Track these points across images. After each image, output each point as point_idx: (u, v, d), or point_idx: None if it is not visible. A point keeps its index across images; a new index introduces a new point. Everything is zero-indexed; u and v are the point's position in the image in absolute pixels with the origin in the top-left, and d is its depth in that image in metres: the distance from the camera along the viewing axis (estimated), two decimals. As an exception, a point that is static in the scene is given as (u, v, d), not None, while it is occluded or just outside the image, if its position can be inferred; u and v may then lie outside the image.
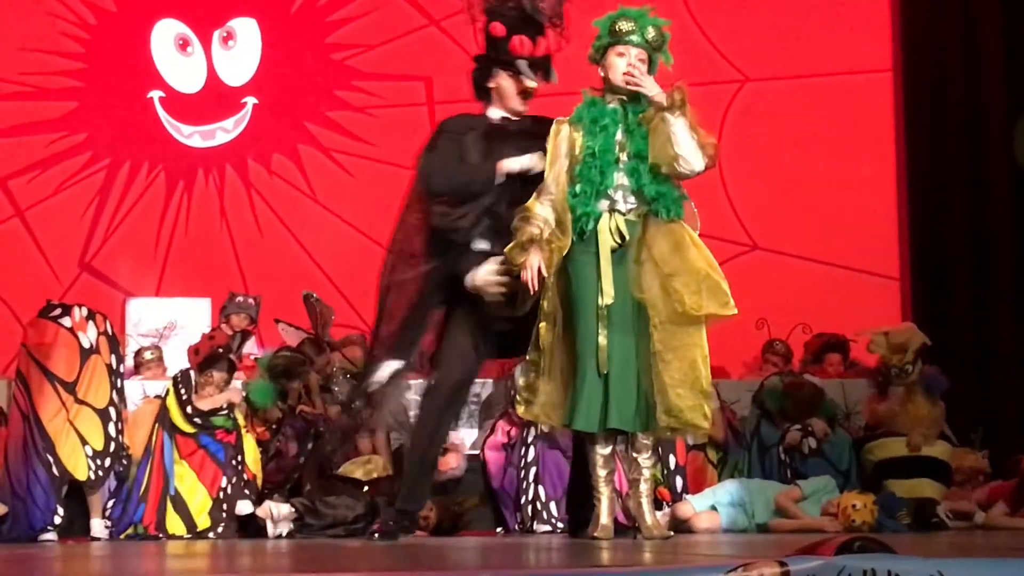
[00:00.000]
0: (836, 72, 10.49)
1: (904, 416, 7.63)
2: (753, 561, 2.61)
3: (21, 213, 10.27)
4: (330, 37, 10.58)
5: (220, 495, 7.14)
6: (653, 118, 5.29)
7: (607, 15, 5.51)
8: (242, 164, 10.49)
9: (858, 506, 6.78)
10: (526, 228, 5.25)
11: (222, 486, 7.15)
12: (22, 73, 10.30)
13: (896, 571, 2.58)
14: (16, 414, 7.19)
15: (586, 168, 5.31)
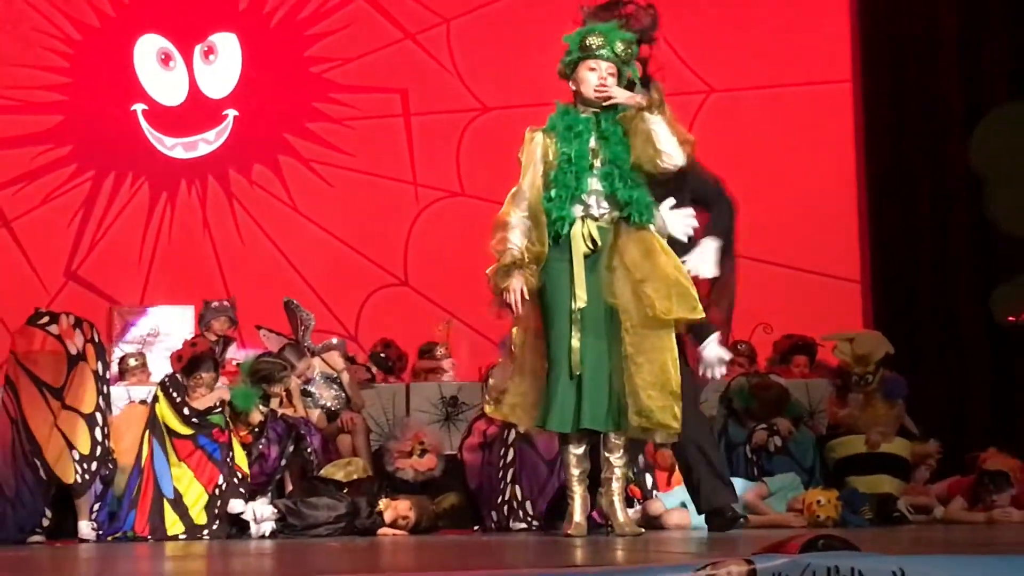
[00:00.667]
0: (798, 83, 10.53)
1: (863, 418, 7.66)
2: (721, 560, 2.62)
3: (8, 224, 10.25)
4: (309, 51, 10.57)
5: (216, 492, 7.12)
6: (633, 118, 5.31)
7: (577, 31, 5.53)
8: (224, 175, 10.48)
9: (822, 502, 6.80)
10: (507, 252, 5.25)
11: (218, 483, 7.13)
12: (8, 87, 10.28)
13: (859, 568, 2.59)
14: (4, 419, 7.16)
15: (561, 173, 5.33)
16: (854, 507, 6.88)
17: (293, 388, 7.81)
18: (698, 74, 10.49)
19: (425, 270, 10.41)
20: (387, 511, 7.05)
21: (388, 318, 10.05)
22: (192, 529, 7.04)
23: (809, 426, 7.89)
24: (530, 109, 8.34)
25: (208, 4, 10.56)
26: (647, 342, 5.25)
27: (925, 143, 9.97)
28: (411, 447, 7.88)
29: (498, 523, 7.29)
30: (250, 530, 7.07)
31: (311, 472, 7.49)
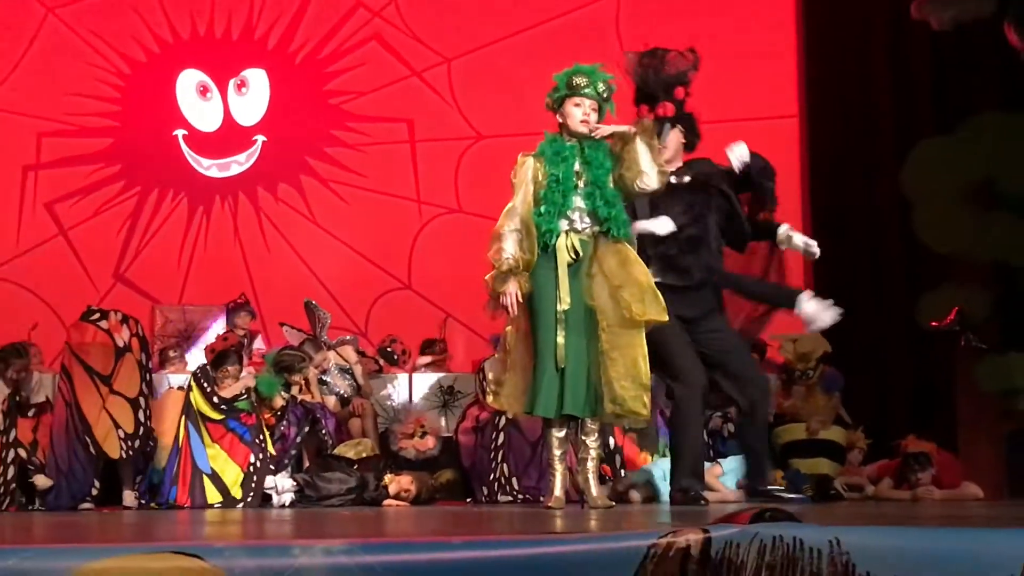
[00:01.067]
0: (748, 118, 10.51)
1: (804, 408, 7.66)
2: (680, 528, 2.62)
3: (64, 232, 10.22)
4: (329, 85, 10.56)
5: (251, 469, 7.12)
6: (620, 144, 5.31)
7: (565, 71, 5.52)
8: (253, 192, 10.46)
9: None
10: (504, 261, 5.25)
11: (251, 461, 7.13)
12: (66, 114, 10.26)
13: (800, 537, 2.59)
14: (60, 402, 7.16)
15: (550, 192, 5.32)
16: (796, 486, 6.88)
17: (311, 377, 7.81)
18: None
19: (426, 276, 10.40)
20: (392, 485, 7.04)
21: (394, 317, 10.04)
22: (229, 500, 7.04)
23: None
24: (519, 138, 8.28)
25: (241, 43, 10.55)
26: (621, 339, 5.25)
27: (862, 170, 9.98)
28: (413, 430, 7.88)
29: (488, 496, 7.29)
30: (272, 500, 7.07)
31: (326, 450, 7.49)
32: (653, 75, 5.94)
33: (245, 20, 10.53)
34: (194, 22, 10.48)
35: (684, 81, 5.95)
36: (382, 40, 10.61)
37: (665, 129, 5.93)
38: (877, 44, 10.02)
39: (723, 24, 10.54)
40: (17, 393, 7.31)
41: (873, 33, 10.06)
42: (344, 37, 10.57)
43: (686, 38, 10.42)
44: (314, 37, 10.56)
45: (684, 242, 5.95)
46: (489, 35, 10.47)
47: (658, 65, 5.92)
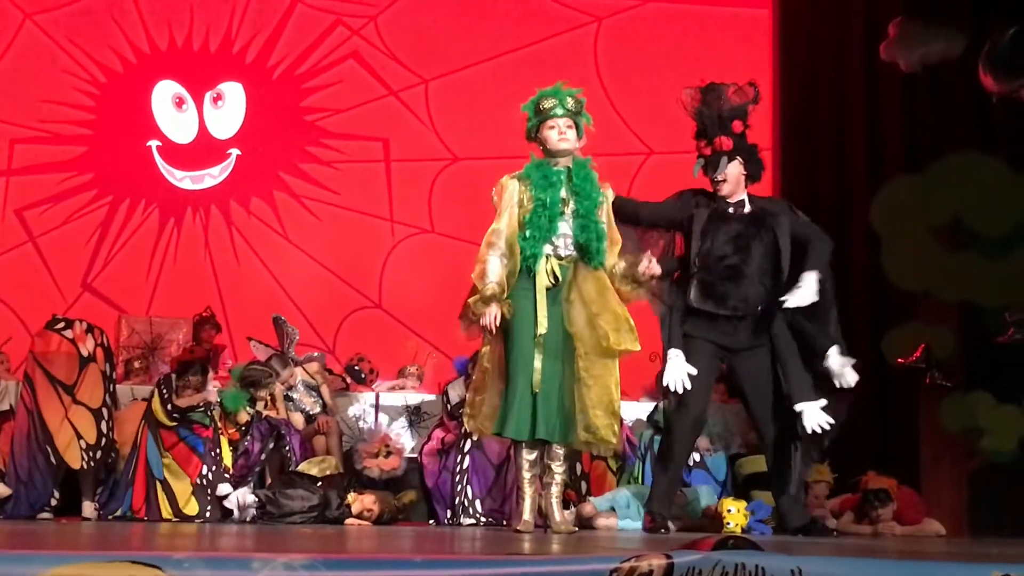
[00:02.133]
0: (726, 149, 10.57)
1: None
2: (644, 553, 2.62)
3: (34, 239, 10.15)
4: (304, 101, 10.55)
5: (201, 481, 7.06)
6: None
7: (530, 99, 5.54)
8: (225, 205, 10.42)
9: (733, 511, 6.79)
10: (488, 285, 5.25)
11: (202, 473, 7.07)
12: (40, 120, 10.20)
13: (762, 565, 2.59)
14: (22, 410, 7.10)
15: (536, 216, 5.32)
16: (759, 516, 6.89)
17: (277, 393, 7.76)
18: (639, 137, 10.54)
19: (396, 295, 10.38)
20: (354, 504, 7.01)
21: (362, 336, 10.01)
22: (180, 513, 6.98)
23: (723, 445, 7.90)
24: (495, 161, 8.37)
25: (219, 56, 10.53)
26: (596, 367, 5.26)
27: (833, 206, 10.03)
28: (377, 449, 7.84)
29: (451, 518, 7.26)
30: (233, 515, 7.02)
31: (289, 467, 7.44)
32: (708, 111, 6.01)
33: (224, 33, 10.51)
34: (172, 33, 10.46)
35: (741, 115, 6.02)
36: (360, 59, 10.62)
37: (722, 163, 5.99)
38: (851, 81, 10.10)
39: (699, 56, 10.62)
40: (-18, 400, 7.25)
41: (847, 70, 10.14)
42: (323, 54, 10.57)
43: (664, 70, 10.59)
44: (292, 53, 10.56)
45: (724, 270, 5.96)
46: (468, 58, 10.50)
47: (714, 101, 6.00)
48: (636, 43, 10.75)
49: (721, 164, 6.02)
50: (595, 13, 10.73)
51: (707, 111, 6.08)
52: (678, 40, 10.72)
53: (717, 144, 6.05)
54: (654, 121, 10.58)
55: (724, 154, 6.03)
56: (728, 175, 6.06)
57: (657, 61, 10.70)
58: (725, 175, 6.03)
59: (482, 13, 10.65)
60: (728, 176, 6.06)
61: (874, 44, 9.63)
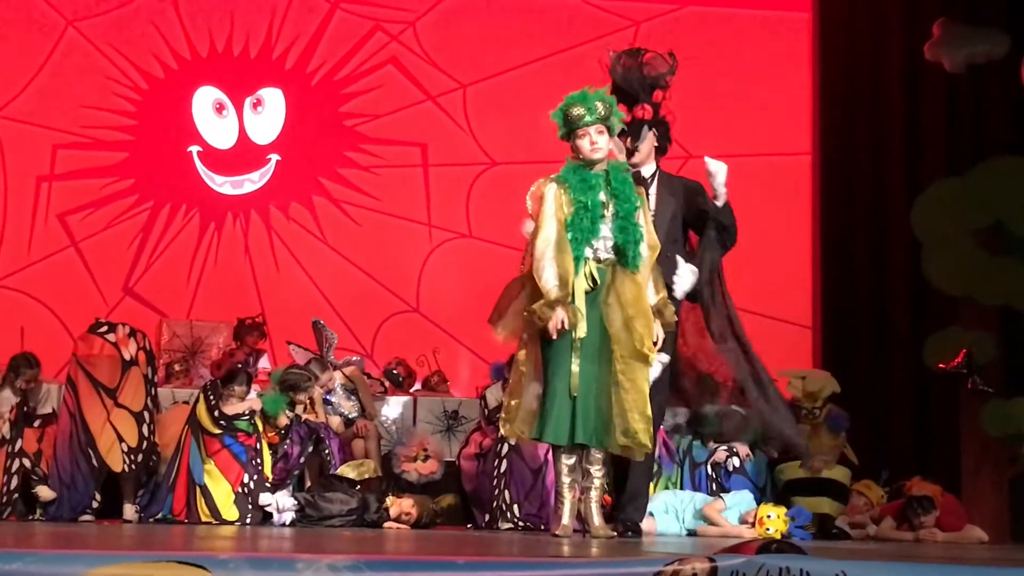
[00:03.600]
0: (764, 153, 10.54)
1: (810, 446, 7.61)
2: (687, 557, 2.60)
3: (76, 244, 10.23)
4: (344, 107, 10.58)
5: (243, 490, 7.09)
6: None
7: (558, 107, 5.52)
8: (265, 210, 10.47)
9: (772, 517, 6.77)
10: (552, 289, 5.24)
11: (244, 482, 7.10)
12: (82, 126, 10.27)
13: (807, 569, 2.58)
14: (65, 413, 7.15)
15: (578, 219, 5.31)
16: (800, 523, 6.85)
17: (316, 397, 7.79)
18: (677, 141, 10.46)
19: (434, 300, 10.39)
20: (393, 507, 7.02)
21: (400, 340, 10.02)
22: (219, 518, 7.01)
23: (763, 450, 7.85)
24: (533, 165, 8.34)
25: (258, 62, 10.57)
26: (632, 370, 5.24)
27: (872, 209, 9.99)
28: (416, 453, 7.86)
29: (488, 522, 7.25)
30: (273, 519, 7.05)
31: (328, 471, 7.46)
32: (634, 75, 5.88)
33: (263, 39, 10.56)
34: (213, 40, 10.52)
35: (662, 84, 5.91)
36: (399, 64, 10.64)
37: (643, 131, 5.90)
38: (891, 84, 10.05)
39: (738, 60, 10.60)
40: (25, 403, 7.30)
41: (887, 73, 10.09)
42: (361, 60, 10.60)
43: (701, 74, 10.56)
44: (331, 58, 10.59)
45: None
46: (505, 63, 10.50)
47: (639, 65, 5.89)
48: (674, 47, 10.62)
49: (643, 132, 5.91)
50: (633, 17, 10.71)
51: (635, 76, 5.93)
52: (717, 44, 10.68)
53: (639, 112, 5.92)
54: (692, 125, 10.49)
55: (645, 122, 5.92)
56: (643, 146, 5.93)
57: (695, 65, 10.58)
58: (640, 146, 5.90)
59: (520, 18, 10.65)
60: (642, 147, 5.94)
61: (914, 47, 9.58)
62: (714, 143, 10.58)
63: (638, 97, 5.89)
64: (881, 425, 9.43)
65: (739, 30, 10.73)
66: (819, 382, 7.66)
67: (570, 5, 10.71)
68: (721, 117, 10.56)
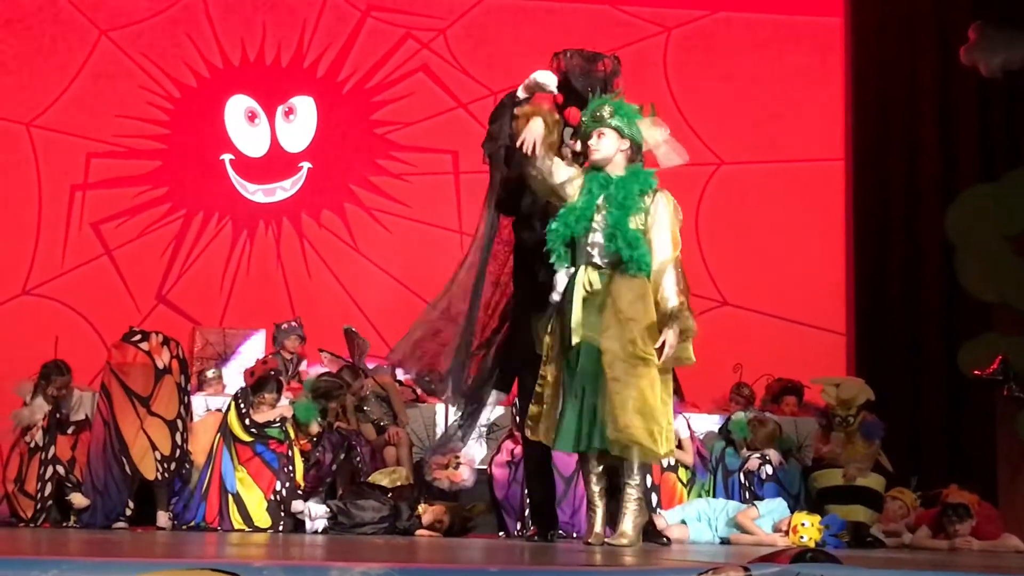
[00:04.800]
0: (798, 159, 10.52)
1: (843, 454, 7.57)
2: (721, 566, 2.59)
3: (109, 252, 10.30)
4: (375, 114, 10.62)
5: (276, 497, 7.11)
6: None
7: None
8: (297, 218, 10.51)
9: (806, 525, 6.72)
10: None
11: (276, 489, 7.13)
12: (116, 135, 10.35)
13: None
14: (99, 420, 7.19)
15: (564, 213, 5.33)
16: (834, 531, 6.81)
17: (348, 404, 7.80)
18: (710, 147, 10.47)
19: (465, 307, 10.37)
20: (425, 515, 7.02)
21: (432, 347, 10.02)
22: (251, 525, 7.03)
23: (797, 458, 7.81)
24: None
25: (290, 71, 10.63)
26: (623, 370, 5.15)
27: (905, 216, 9.94)
28: (448, 460, 7.85)
29: (520, 530, 7.24)
30: (305, 526, 7.06)
31: (360, 478, 7.47)
32: (582, 76, 5.81)
33: (295, 48, 10.61)
34: (244, 48, 10.58)
35: (611, 87, 5.81)
36: (429, 72, 10.67)
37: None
38: (924, 89, 10.00)
39: (770, 65, 10.58)
40: (57, 410, 7.35)
41: (921, 78, 10.04)
42: (392, 67, 10.63)
43: (734, 80, 10.54)
44: (363, 67, 10.63)
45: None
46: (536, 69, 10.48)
47: (587, 66, 5.81)
48: (706, 53, 10.71)
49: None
50: (664, 23, 10.70)
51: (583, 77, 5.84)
52: (749, 50, 10.67)
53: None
54: (724, 131, 10.53)
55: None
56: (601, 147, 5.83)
57: (727, 71, 10.66)
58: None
59: (550, 24, 10.66)
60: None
61: (947, 52, 9.52)
62: (746, 149, 10.61)
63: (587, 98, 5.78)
64: (916, 433, 9.37)
65: (771, 36, 10.71)
66: (853, 389, 7.61)
67: (602, 11, 10.72)
68: (753, 123, 10.54)
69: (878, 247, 10.03)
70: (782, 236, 10.42)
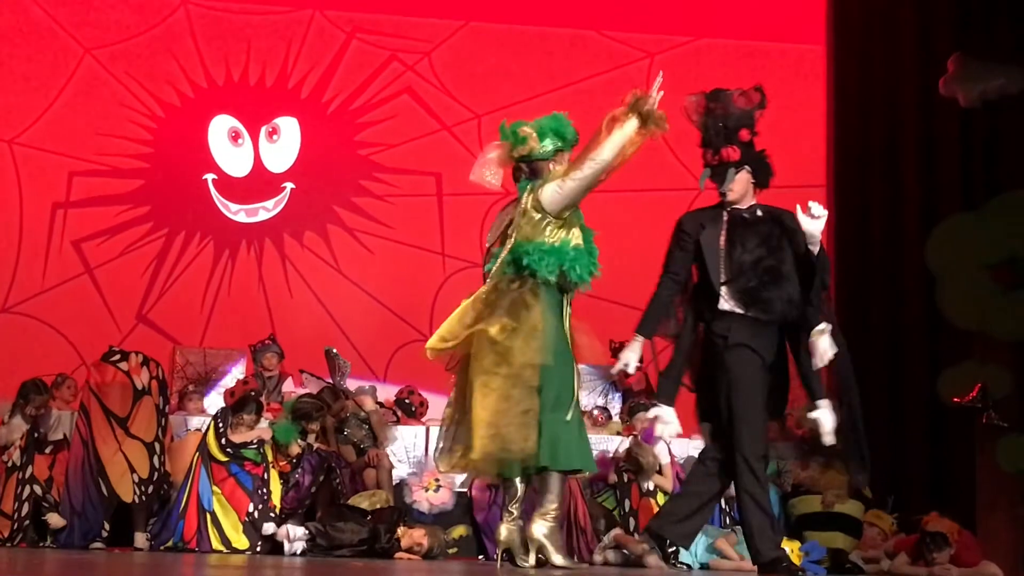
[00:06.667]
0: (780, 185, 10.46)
1: (822, 480, 7.57)
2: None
3: (90, 271, 10.26)
4: (358, 136, 10.62)
5: (249, 519, 7.07)
6: None
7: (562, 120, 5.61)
8: (279, 238, 10.49)
9: (786, 551, 6.71)
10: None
11: (249, 511, 7.08)
12: (99, 154, 10.32)
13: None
14: (77, 440, 7.16)
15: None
16: (814, 557, 6.80)
17: (328, 426, 7.77)
18: (692, 173, 10.47)
19: (448, 329, 10.35)
20: (404, 538, 6.99)
21: (413, 369, 9.98)
22: (229, 546, 6.99)
23: (776, 484, 7.80)
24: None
25: (274, 91, 10.62)
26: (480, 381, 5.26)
27: (886, 243, 9.95)
28: (428, 483, 7.82)
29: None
30: (283, 548, 7.02)
31: (339, 500, 7.44)
32: (712, 120, 5.83)
33: (280, 68, 10.61)
34: (229, 68, 10.57)
35: (748, 122, 5.82)
36: (414, 94, 10.68)
37: (729, 174, 5.76)
38: (906, 118, 10.04)
39: (753, 92, 10.59)
40: (36, 430, 7.31)
41: (902, 107, 10.08)
42: (377, 89, 10.64)
43: (716, 104, 10.56)
44: (347, 88, 10.64)
45: (762, 273, 5.63)
46: (520, 93, 10.51)
47: (719, 108, 5.83)
48: (689, 79, 10.70)
49: (728, 176, 5.79)
50: (647, 49, 10.74)
51: (712, 120, 5.89)
52: (731, 76, 10.59)
53: (724, 155, 5.84)
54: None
55: (731, 165, 5.83)
56: (735, 185, 5.84)
57: (710, 97, 10.67)
58: (732, 186, 5.81)
59: (535, 49, 10.69)
60: (735, 187, 5.84)
61: (927, 81, 9.57)
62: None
63: (717, 142, 5.81)
64: (896, 459, 9.37)
65: (754, 62, 10.74)
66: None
67: (585, 36, 10.75)
68: (737, 150, 10.54)
69: (859, 274, 10.03)
70: (763, 262, 10.41)
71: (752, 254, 5.63)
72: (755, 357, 5.53)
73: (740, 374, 5.48)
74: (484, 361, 5.06)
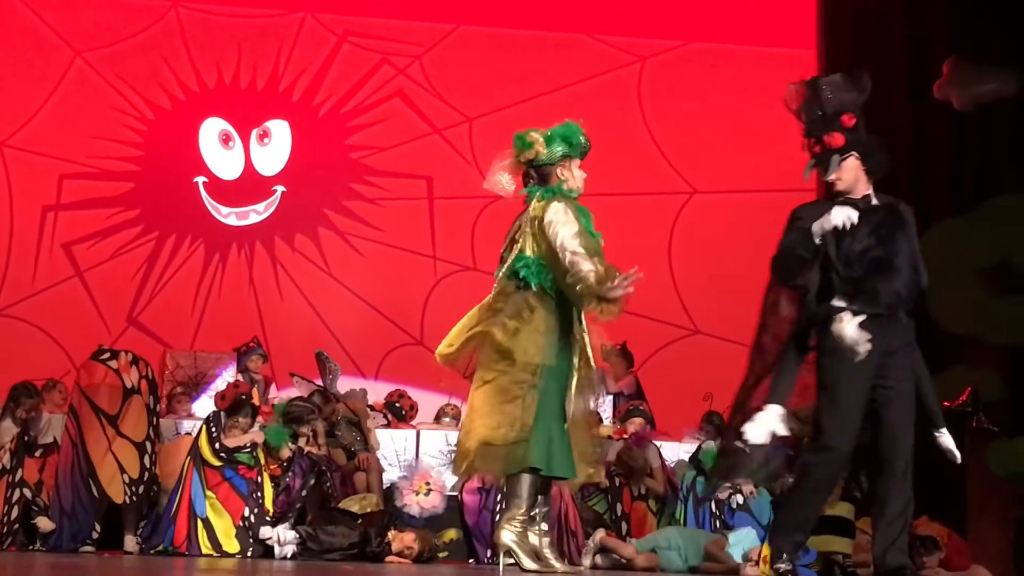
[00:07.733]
0: (771, 189, 10.53)
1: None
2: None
3: (80, 274, 10.23)
4: (349, 139, 10.61)
5: (244, 523, 7.04)
6: None
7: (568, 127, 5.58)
8: (270, 241, 10.47)
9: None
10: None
11: (244, 515, 7.06)
12: (89, 157, 10.30)
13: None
14: (67, 441, 7.13)
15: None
16: (803, 562, 6.79)
17: (319, 429, 7.74)
18: (683, 176, 10.50)
19: (438, 332, 10.25)
20: (394, 541, 6.98)
21: (404, 372, 9.98)
22: (220, 551, 6.96)
23: (767, 488, 7.79)
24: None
25: (265, 94, 10.60)
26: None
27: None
28: (418, 486, 7.81)
29: (490, 558, 7.20)
30: (274, 552, 7.00)
31: (330, 503, 7.42)
32: (811, 108, 5.68)
33: (271, 72, 10.59)
34: (220, 71, 10.55)
35: (852, 107, 5.64)
36: (405, 97, 10.67)
37: (833, 161, 5.58)
38: (899, 123, 10.03)
39: (742, 95, 10.60)
40: (26, 432, 7.27)
41: (893, 110, 10.07)
42: (368, 93, 10.63)
43: (708, 110, 10.57)
44: (338, 91, 10.62)
45: (869, 263, 5.33)
46: (511, 96, 10.51)
47: (817, 96, 5.69)
48: (680, 83, 10.74)
49: (832, 163, 5.58)
50: (639, 53, 10.74)
51: (810, 108, 5.73)
52: (722, 80, 10.70)
53: (827, 142, 5.67)
54: (698, 161, 10.55)
55: (835, 151, 5.66)
56: (842, 173, 5.65)
57: (701, 101, 10.69)
58: (838, 174, 5.63)
59: (526, 52, 10.69)
60: (842, 174, 5.65)
61: (919, 84, 9.58)
62: (719, 178, 10.63)
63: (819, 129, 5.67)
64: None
65: (744, 66, 10.76)
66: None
67: (576, 40, 10.75)
68: (727, 153, 10.57)
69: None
70: (754, 265, 10.34)
71: (861, 243, 5.44)
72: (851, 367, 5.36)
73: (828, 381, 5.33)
74: (485, 359, 5.08)
